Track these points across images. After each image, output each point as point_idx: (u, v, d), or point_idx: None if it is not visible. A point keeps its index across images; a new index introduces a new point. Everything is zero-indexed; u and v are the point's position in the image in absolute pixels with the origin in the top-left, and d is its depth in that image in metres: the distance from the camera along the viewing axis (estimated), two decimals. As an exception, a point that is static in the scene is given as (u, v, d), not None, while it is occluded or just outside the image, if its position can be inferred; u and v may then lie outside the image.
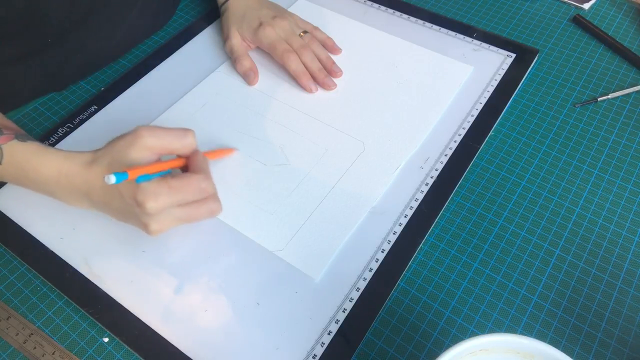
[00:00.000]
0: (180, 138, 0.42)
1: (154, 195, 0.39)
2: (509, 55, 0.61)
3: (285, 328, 0.42)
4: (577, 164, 0.53)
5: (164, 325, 0.43)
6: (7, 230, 0.49)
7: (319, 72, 0.59)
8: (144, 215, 0.40)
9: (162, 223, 0.41)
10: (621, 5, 0.68)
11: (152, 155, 0.41)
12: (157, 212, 0.40)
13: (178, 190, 0.40)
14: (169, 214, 0.41)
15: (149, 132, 0.41)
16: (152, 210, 0.39)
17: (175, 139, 0.42)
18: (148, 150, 0.41)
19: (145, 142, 0.40)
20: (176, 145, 0.42)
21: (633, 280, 0.45)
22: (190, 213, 0.42)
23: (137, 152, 0.40)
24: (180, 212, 0.41)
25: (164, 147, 0.42)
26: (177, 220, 0.42)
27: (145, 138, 0.40)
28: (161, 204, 0.39)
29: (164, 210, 0.40)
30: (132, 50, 0.66)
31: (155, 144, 0.41)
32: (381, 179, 0.51)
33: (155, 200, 0.39)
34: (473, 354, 0.34)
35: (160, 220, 0.41)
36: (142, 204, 0.39)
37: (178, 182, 0.40)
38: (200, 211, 0.43)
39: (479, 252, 0.47)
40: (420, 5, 0.69)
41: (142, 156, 0.41)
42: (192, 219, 0.43)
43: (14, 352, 0.43)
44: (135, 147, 0.40)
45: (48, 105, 0.60)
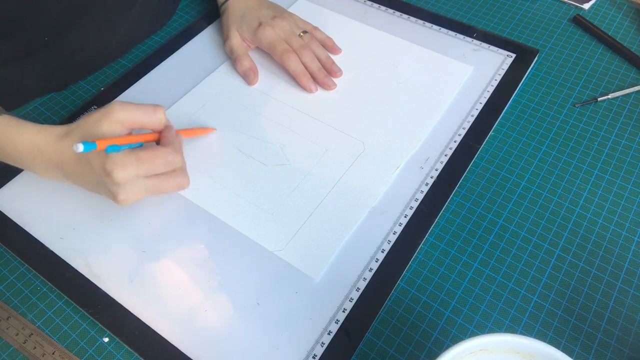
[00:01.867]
0: (150, 113, 0.44)
1: (122, 165, 0.41)
2: (509, 55, 0.61)
3: (285, 328, 0.42)
4: (577, 164, 0.53)
5: (164, 325, 0.43)
6: (7, 230, 0.49)
7: (318, 72, 0.59)
8: (112, 185, 0.42)
9: (130, 193, 0.42)
10: (621, 5, 0.68)
11: (122, 128, 0.43)
12: (125, 182, 0.41)
13: (145, 161, 0.42)
14: (137, 184, 0.42)
15: (121, 107, 0.43)
16: (120, 179, 0.41)
17: (145, 114, 0.44)
18: (119, 123, 0.43)
19: (116, 115, 0.42)
20: (145, 120, 0.44)
21: (633, 280, 0.45)
22: (158, 184, 0.44)
23: (108, 125, 0.42)
24: (147, 183, 0.43)
25: (134, 121, 0.43)
26: (145, 190, 0.43)
27: (116, 112, 0.42)
28: (128, 174, 0.41)
29: (131, 180, 0.42)
30: (132, 50, 0.66)
31: (126, 118, 0.43)
32: (381, 179, 0.51)
33: (123, 170, 0.41)
34: (473, 354, 0.34)
35: (128, 189, 0.42)
36: (110, 173, 0.40)
37: (146, 153, 0.42)
38: (168, 183, 0.45)
39: (479, 252, 0.47)
40: (420, 5, 0.69)
41: (113, 129, 0.42)
42: (159, 191, 0.44)
43: (14, 352, 0.43)
44: (107, 120, 0.42)
45: (48, 105, 0.60)
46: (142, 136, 0.45)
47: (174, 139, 0.45)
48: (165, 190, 0.45)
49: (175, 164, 0.44)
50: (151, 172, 0.43)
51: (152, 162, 0.42)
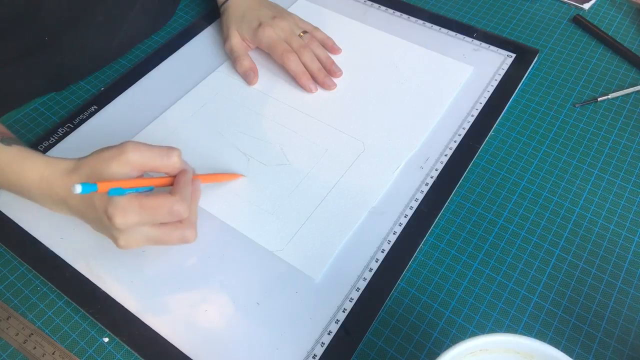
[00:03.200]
0: (163, 157, 0.41)
1: (124, 211, 0.38)
2: (509, 55, 0.61)
3: (285, 328, 0.42)
4: (577, 164, 0.53)
5: (163, 325, 0.43)
6: (7, 230, 0.49)
7: (318, 72, 0.59)
8: (113, 229, 0.40)
9: (131, 240, 0.40)
10: (621, 5, 0.68)
11: (132, 171, 0.41)
12: (126, 228, 0.39)
13: (149, 210, 0.39)
14: (138, 232, 0.40)
15: (134, 148, 0.40)
16: (120, 225, 0.38)
17: (157, 157, 0.41)
18: (130, 165, 0.40)
19: (128, 157, 0.40)
20: (159, 164, 0.41)
21: (633, 280, 0.45)
22: (161, 236, 0.41)
23: (118, 167, 0.40)
24: (150, 232, 0.40)
25: (147, 164, 0.41)
26: (147, 240, 0.41)
27: (127, 153, 0.40)
28: (130, 221, 0.38)
29: (133, 227, 0.39)
30: (132, 50, 0.66)
31: (138, 160, 0.40)
32: (381, 179, 0.51)
33: (124, 217, 0.38)
34: (473, 354, 0.34)
35: (128, 236, 0.40)
36: (111, 218, 0.38)
37: (150, 201, 0.39)
38: (172, 236, 0.41)
39: (479, 252, 0.47)
40: (420, 5, 0.69)
41: (122, 171, 0.40)
42: (162, 242, 0.41)
43: (14, 352, 0.43)
44: (117, 161, 0.40)
45: (48, 105, 0.60)
46: (153, 180, 0.42)
47: (186, 186, 0.42)
48: (168, 243, 0.42)
49: (180, 215, 0.40)
50: (154, 221, 0.40)
51: (155, 210, 0.39)
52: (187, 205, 0.41)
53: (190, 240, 0.42)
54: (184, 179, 0.42)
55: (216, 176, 0.50)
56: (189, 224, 0.42)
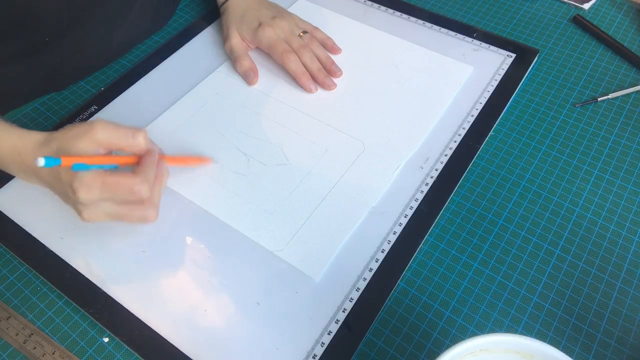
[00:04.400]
0: (129, 137, 0.43)
1: (87, 187, 0.40)
2: (509, 55, 0.61)
3: (285, 328, 0.42)
4: (577, 164, 0.53)
5: (163, 325, 0.43)
6: (7, 230, 0.49)
7: (318, 72, 0.59)
8: (77, 203, 0.41)
9: (93, 214, 0.42)
10: (621, 5, 0.68)
11: (99, 148, 0.42)
12: (89, 203, 0.41)
13: (110, 187, 0.41)
14: (101, 208, 0.42)
15: (102, 127, 0.42)
16: (84, 200, 0.40)
17: (124, 137, 0.42)
18: (96, 143, 0.41)
19: (95, 135, 0.41)
20: (124, 143, 0.43)
21: (633, 280, 0.45)
22: (122, 213, 0.43)
23: (86, 144, 0.41)
24: (112, 208, 0.42)
25: (113, 143, 0.42)
26: (108, 215, 0.42)
27: (95, 131, 0.41)
28: (92, 196, 0.40)
29: (95, 202, 0.41)
30: (132, 50, 0.66)
31: (105, 139, 0.42)
32: (381, 179, 0.51)
33: (87, 192, 0.40)
34: (473, 354, 0.34)
35: (91, 211, 0.42)
36: (75, 192, 0.40)
37: (112, 178, 0.41)
38: (133, 214, 0.43)
39: (479, 252, 0.47)
40: (420, 5, 0.69)
41: (89, 148, 0.41)
42: (123, 219, 0.43)
43: (14, 352, 0.43)
44: (85, 138, 0.41)
45: (48, 105, 0.60)
46: (118, 158, 0.43)
47: (150, 167, 0.43)
48: (128, 220, 0.43)
49: (141, 195, 0.41)
50: (115, 198, 0.41)
51: (116, 188, 0.41)
52: (148, 186, 0.42)
53: (150, 220, 0.44)
54: (149, 160, 0.43)
55: (184, 159, 0.52)
56: (150, 204, 0.44)
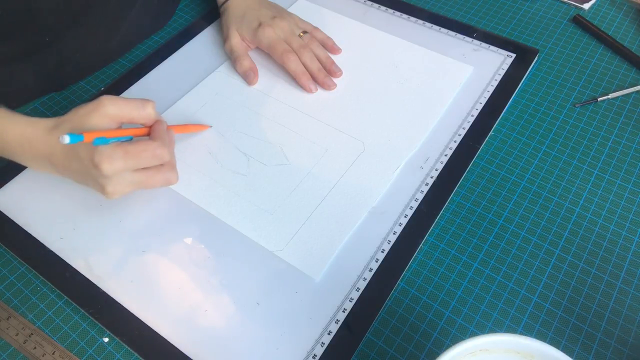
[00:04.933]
0: (139, 108, 0.44)
1: (110, 158, 0.41)
2: (509, 55, 0.61)
3: (285, 328, 0.42)
4: (577, 164, 0.53)
5: (164, 325, 0.43)
6: (7, 230, 0.49)
7: (318, 72, 0.59)
8: (100, 177, 0.42)
9: (118, 186, 0.43)
10: (621, 5, 0.68)
11: (112, 122, 0.43)
12: (113, 175, 0.41)
13: (133, 155, 0.42)
14: (124, 178, 0.42)
15: (111, 101, 0.43)
16: (108, 172, 0.41)
17: (134, 109, 0.44)
18: (108, 117, 0.43)
19: (106, 110, 0.42)
20: (135, 115, 0.44)
21: (633, 280, 0.45)
22: (146, 179, 0.44)
23: (98, 119, 0.42)
24: (135, 176, 0.43)
25: (124, 116, 0.44)
26: (132, 184, 0.43)
27: (106, 106, 0.42)
28: (116, 167, 0.41)
29: (119, 173, 0.42)
30: (132, 50, 0.66)
31: (116, 112, 0.43)
32: (381, 179, 0.51)
33: (111, 163, 0.41)
34: (473, 354, 0.34)
35: (115, 182, 0.42)
36: (98, 165, 0.40)
37: (134, 147, 0.42)
38: (156, 178, 0.44)
39: (479, 252, 0.47)
40: (420, 5, 0.69)
41: (102, 123, 0.42)
42: (147, 185, 0.44)
43: (14, 352, 0.43)
44: (96, 113, 0.42)
45: (48, 105, 0.60)
46: (132, 130, 0.45)
47: (163, 133, 0.45)
48: (153, 185, 0.45)
49: (163, 158, 0.44)
50: (138, 165, 0.43)
51: (139, 155, 0.42)
52: (167, 150, 0.44)
53: (173, 181, 0.46)
54: (161, 127, 0.45)
55: (186, 127, 0.54)
56: (170, 167, 0.46)
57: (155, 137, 0.44)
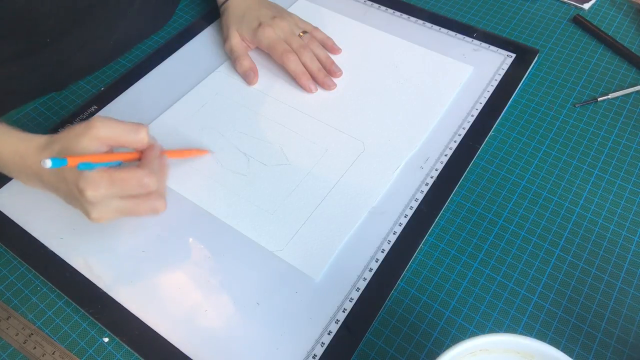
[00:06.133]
0: (131, 133, 0.43)
1: (94, 185, 0.40)
2: (509, 55, 0.61)
3: (285, 328, 0.42)
4: (577, 164, 0.53)
5: (164, 325, 0.43)
6: (7, 230, 0.49)
7: (318, 72, 0.59)
8: (85, 203, 0.41)
9: (102, 212, 0.42)
10: (621, 5, 0.68)
11: (102, 146, 0.42)
12: (97, 201, 0.41)
13: (118, 182, 0.40)
14: (109, 205, 0.41)
15: (102, 124, 0.42)
16: (92, 198, 0.40)
17: (126, 133, 0.43)
18: (98, 140, 0.42)
19: (96, 132, 0.41)
20: (127, 139, 0.43)
21: (633, 280, 0.45)
22: (131, 207, 0.42)
23: (87, 142, 0.41)
24: (121, 204, 0.42)
25: (114, 140, 0.42)
26: (117, 212, 0.42)
27: (97, 129, 0.41)
28: (100, 194, 0.40)
29: (103, 200, 0.41)
30: (132, 50, 0.66)
31: (106, 135, 0.42)
32: (381, 179, 0.51)
33: (95, 189, 0.40)
34: (473, 354, 0.34)
35: (100, 209, 0.41)
36: (82, 191, 0.40)
37: (120, 174, 0.41)
38: (142, 207, 0.43)
39: (479, 252, 0.47)
40: (420, 5, 0.69)
41: (92, 146, 0.41)
42: (132, 213, 0.43)
43: (14, 352, 0.43)
44: (87, 136, 0.41)
45: (48, 105, 0.60)
46: (122, 155, 0.43)
47: (153, 160, 0.43)
48: (138, 213, 0.43)
49: (149, 187, 0.42)
50: (124, 193, 0.41)
51: (125, 183, 0.41)
52: (155, 178, 0.42)
53: (160, 210, 0.44)
54: (152, 153, 0.44)
55: (182, 152, 0.52)
56: (158, 196, 0.44)
57: (143, 164, 0.43)
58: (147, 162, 0.43)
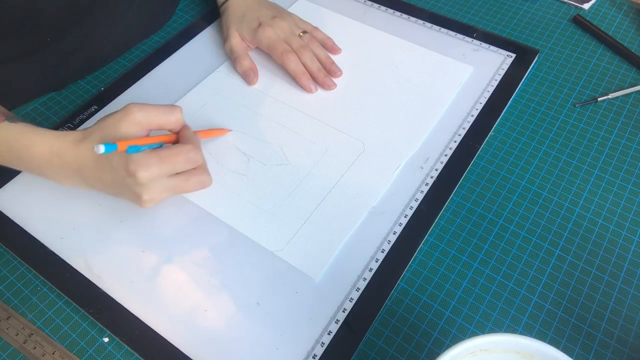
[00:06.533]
0: (168, 114, 0.44)
1: (145, 165, 0.41)
2: (509, 55, 0.61)
3: (285, 328, 0.42)
4: (577, 164, 0.53)
5: (163, 325, 0.43)
6: (7, 230, 0.49)
7: (318, 72, 0.59)
8: (135, 186, 0.42)
9: (154, 193, 0.42)
10: (621, 5, 0.68)
11: (141, 130, 0.43)
12: (148, 182, 0.41)
13: (167, 160, 0.42)
14: (160, 184, 0.42)
15: (139, 108, 0.43)
16: (144, 179, 0.41)
17: (162, 115, 0.44)
18: (137, 125, 0.42)
19: (134, 117, 0.42)
20: (163, 120, 0.44)
21: (633, 280, 0.45)
22: (181, 183, 0.44)
23: (127, 127, 0.42)
24: (170, 182, 0.43)
25: (152, 122, 0.43)
26: (168, 190, 0.43)
27: (134, 113, 0.42)
28: (152, 173, 0.41)
29: (154, 179, 0.42)
30: (132, 50, 0.66)
31: (144, 119, 0.43)
32: (381, 179, 0.51)
33: (146, 170, 0.41)
34: (473, 354, 0.34)
35: (151, 189, 0.42)
36: (134, 173, 0.40)
37: (167, 152, 0.42)
38: (191, 182, 0.44)
39: (479, 252, 0.47)
40: (420, 5, 0.69)
41: (132, 130, 0.42)
42: (182, 190, 0.44)
43: (14, 352, 0.43)
44: (125, 121, 0.42)
45: (48, 105, 0.60)
46: (161, 137, 0.45)
47: (193, 136, 0.45)
48: (188, 189, 0.45)
49: (197, 161, 0.44)
50: (174, 170, 0.43)
51: (174, 160, 0.42)
52: (200, 152, 0.44)
53: (207, 183, 0.46)
54: (189, 131, 0.46)
55: (209, 132, 0.54)
56: (203, 170, 0.45)
57: (186, 141, 0.44)
58: (188, 138, 0.45)
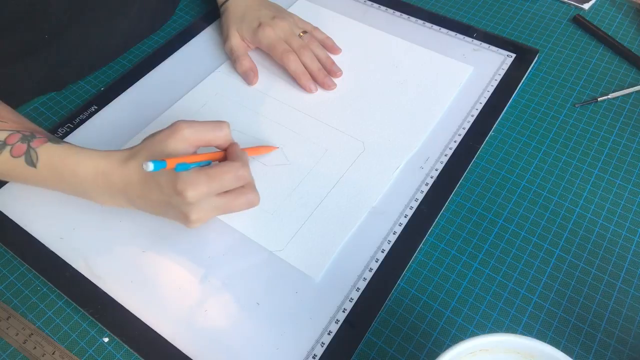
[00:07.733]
0: (216, 130, 0.43)
1: (193, 184, 0.39)
2: (509, 55, 0.61)
3: (285, 328, 0.42)
4: (577, 164, 0.53)
5: (164, 325, 0.43)
6: (7, 230, 0.49)
7: (318, 72, 0.59)
8: (184, 205, 0.41)
9: (201, 212, 0.41)
10: (621, 5, 0.68)
11: (189, 146, 0.42)
12: (197, 201, 0.40)
13: (216, 178, 0.41)
14: (208, 203, 0.41)
15: (187, 125, 0.42)
16: (192, 198, 0.40)
17: (211, 131, 0.43)
18: (185, 141, 0.42)
19: (182, 134, 0.42)
20: (212, 136, 0.43)
21: (633, 280, 0.45)
22: (229, 202, 0.42)
23: (176, 144, 0.41)
24: (219, 201, 0.42)
25: (201, 139, 0.43)
26: (216, 209, 0.42)
27: (183, 130, 0.42)
28: (200, 192, 0.40)
29: (203, 198, 0.41)
30: (132, 50, 0.66)
31: (192, 136, 0.42)
32: (381, 179, 0.51)
33: (194, 189, 0.40)
34: (473, 354, 0.34)
35: (199, 209, 0.41)
36: (182, 192, 0.39)
37: (216, 170, 0.41)
38: (239, 201, 0.43)
39: (479, 252, 0.47)
40: (420, 5, 0.69)
41: (180, 147, 0.41)
42: (230, 209, 0.43)
43: (14, 352, 0.43)
44: (173, 139, 0.41)
45: (48, 105, 0.60)
46: (209, 154, 0.44)
47: (241, 154, 0.44)
48: (236, 209, 0.43)
49: (245, 178, 0.43)
50: (222, 188, 0.41)
51: (222, 178, 0.41)
52: (248, 170, 0.43)
53: (255, 202, 0.44)
54: (237, 148, 0.44)
55: (258, 149, 0.52)
56: (251, 188, 0.44)
57: (234, 158, 0.43)
58: (236, 155, 0.43)
